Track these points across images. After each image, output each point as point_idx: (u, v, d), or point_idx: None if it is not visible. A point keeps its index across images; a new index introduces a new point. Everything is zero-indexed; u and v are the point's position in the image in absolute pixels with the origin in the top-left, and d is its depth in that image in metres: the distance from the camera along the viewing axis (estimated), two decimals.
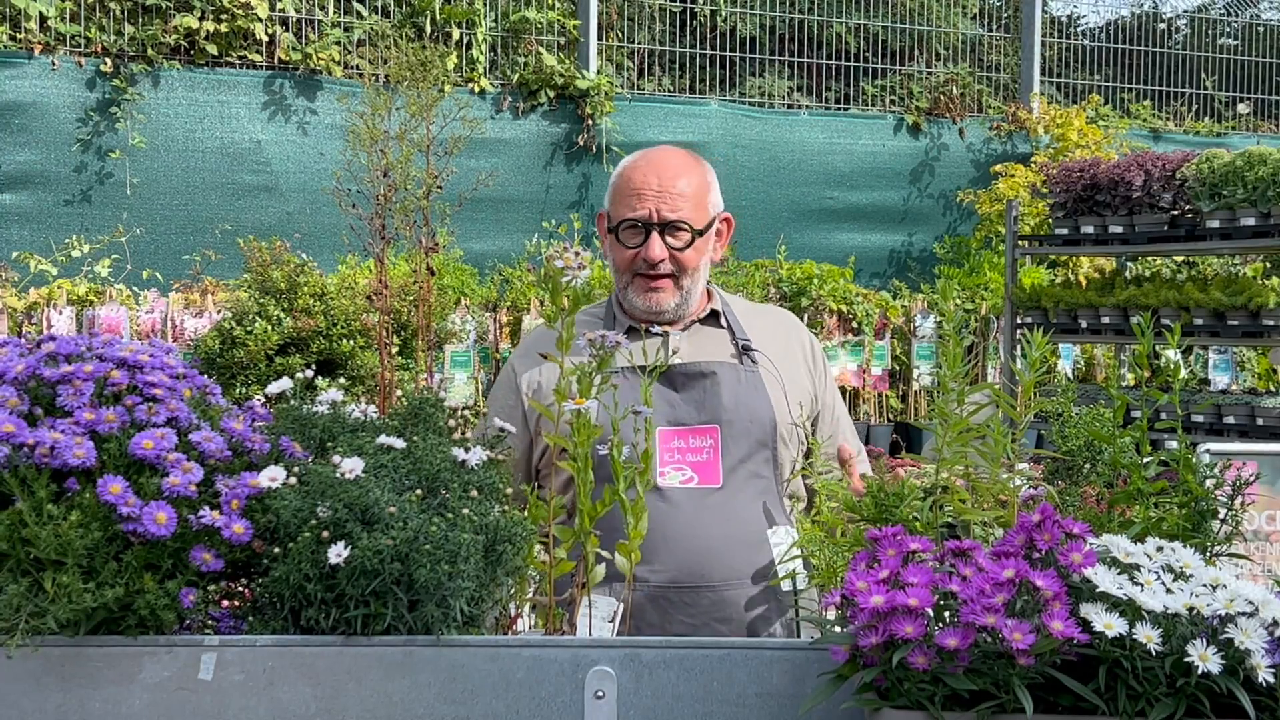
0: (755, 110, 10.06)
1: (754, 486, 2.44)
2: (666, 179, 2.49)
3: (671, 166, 2.52)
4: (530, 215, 9.06)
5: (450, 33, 9.10)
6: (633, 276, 2.52)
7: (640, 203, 2.48)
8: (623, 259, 2.52)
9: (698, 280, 2.54)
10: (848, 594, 1.53)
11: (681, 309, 2.54)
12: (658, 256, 2.48)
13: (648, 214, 2.47)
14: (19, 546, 1.56)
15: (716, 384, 2.46)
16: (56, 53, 8.22)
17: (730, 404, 2.45)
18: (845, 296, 8.38)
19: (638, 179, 2.51)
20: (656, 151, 2.57)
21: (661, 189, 2.48)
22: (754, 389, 2.49)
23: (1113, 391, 2.03)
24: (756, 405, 2.47)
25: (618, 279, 2.56)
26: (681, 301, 2.53)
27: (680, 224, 2.48)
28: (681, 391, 2.46)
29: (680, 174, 2.51)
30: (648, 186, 2.49)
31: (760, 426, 2.46)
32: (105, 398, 1.69)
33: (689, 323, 2.57)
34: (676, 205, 2.48)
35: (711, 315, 2.59)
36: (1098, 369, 9.02)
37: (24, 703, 1.58)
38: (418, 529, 1.59)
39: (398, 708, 1.60)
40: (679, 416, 2.44)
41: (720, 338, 2.57)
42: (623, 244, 2.52)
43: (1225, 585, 1.50)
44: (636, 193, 2.49)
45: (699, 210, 2.51)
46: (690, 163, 2.56)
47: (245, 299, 5.31)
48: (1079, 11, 12.27)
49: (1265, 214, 5.86)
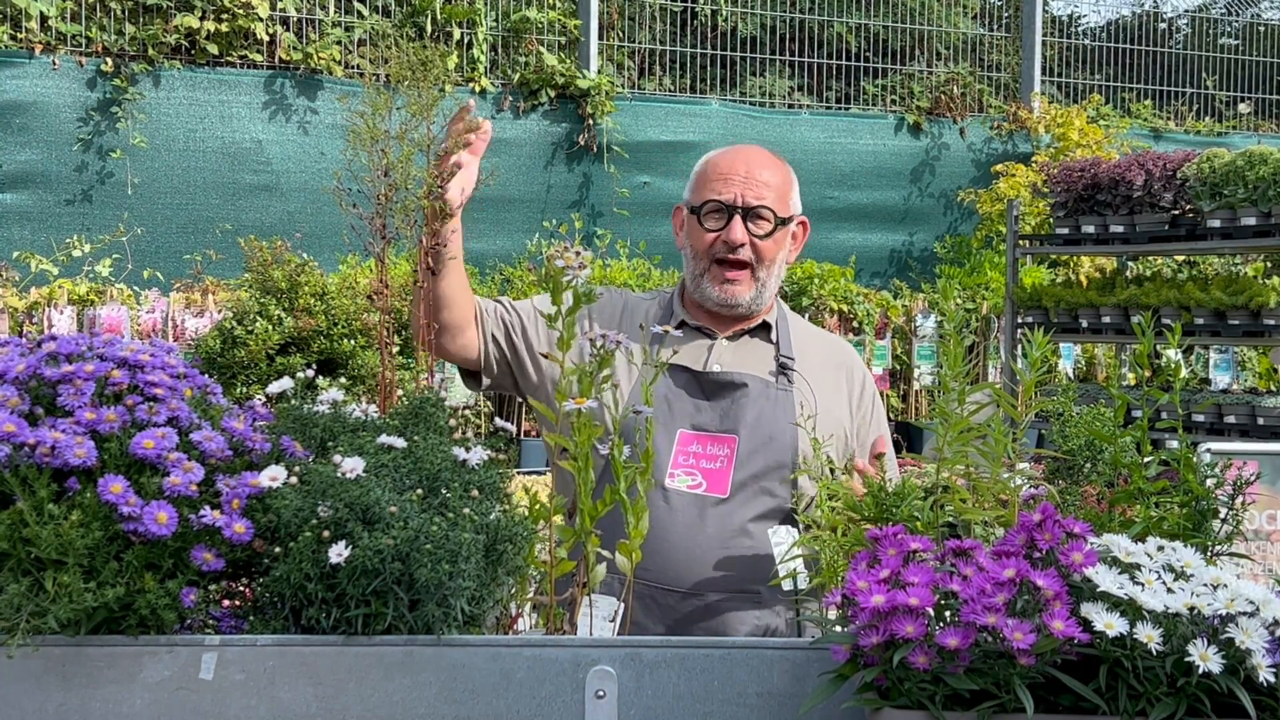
0: (756, 110, 10.06)
1: (763, 504, 2.41)
2: (754, 167, 2.53)
3: (758, 158, 2.56)
4: (531, 215, 9.06)
5: (451, 32, 9.10)
6: (710, 264, 2.52)
7: (726, 186, 2.51)
8: (702, 243, 2.53)
9: (773, 275, 2.54)
10: (848, 594, 1.53)
11: (756, 304, 2.54)
12: (739, 239, 2.49)
13: (733, 197, 2.50)
14: (20, 546, 1.56)
15: (744, 395, 2.45)
16: (57, 52, 8.23)
17: (752, 418, 2.44)
18: (846, 296, 8.38)
19: (724, 164, 2.55)
20: (744, 146, 2.62)
21: (749, 175, 2.52)
22: (780, 408, 2.46)
23: (1113, 391, 2.03)
24: (778, 424, 2.44)
25: (694, 266, 2.55)
26: (756, 296, 2.53)
27: (764, 210, 2.50)
28: (710, 398, 2.46)
29: (767, 166, 2.55)
30: (735, 172, 2.52)
31: (779, 445, 2.43)
32: (106, 397, 1.69)
33: (737, 331, 2.56)
34: (761, 193, 2.51)
35: (762, 327, 2.58)
36: (1098, 368, 9.02)
37: (25, 702, 1.58)
38: (419, 528, 1.59)
39: (398, 707, 1.60)
40: (701, 421, 2.43)
41: (765, 352, 2.55)
42: (704, 227, 2.52)
43: (1226, 585, 1.50)
44: (724, 177, 2.52)
45: (781, 202, 2.54)
46: (775, 159, 2.60)
47: (246, 299, 5.32)
48: (1080, 11, 12.28)
49: (1266, 213, 5.86)
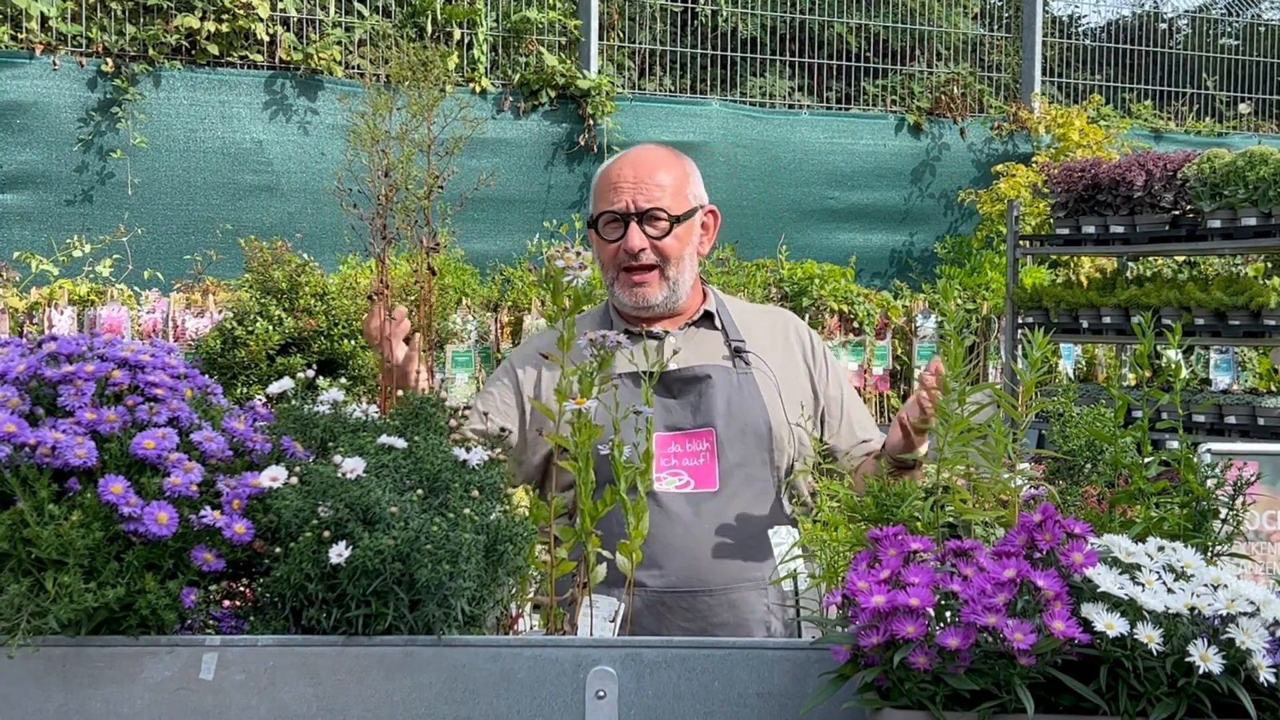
0: (756, 110, 10.05)
1: (751, 489, 2.44)
2: (642, 171, 2.53)
3: (646, 160, 2.55)
4: (531, 215, 9.06)
5: (451, 33, 9.10)
6: (618, 272, 2.53)
7: (616, 195, 2.51)
8: (606, 254, 2.54)
9: (684, 271, 2.54)
10: (849, 594, 1.53)
11: (671, 302, 2.55)
12: (637, 245, 2.49)
13: (624, 205, 2.50)
14: (20, 546, 1.56)
15: (711, 387, 2.46)
16: (58, 53, 8.22)
17: (724, 407, 2.45)
18: (846, 296, 8.37)
19: (613, 173, 2.55)
20: (632, 149, 2.62)
21: (637, 179, 2.52)
22: (748, 391, 2.49)
23: (1114, 391, 2.03)
24: (750, 408, 2.47)
25: (605, 277, 2.57)
26: (670, 294, 2.53)
27: (657, 211, 2.50)
28: (677, 396, 2.46)
29: (656, 167, 2.54)
30: (623, 179, 2.53)
31: (755, 429, 2.45)
32: (107, 398, 1.69)
33: (683, 324, 2.57)
34: (652, 195, 2.51)
35: (705, 316, 2.59)
36: (1099, 369, 9.01)
37: (25, 703, 1.58)
38: (419, 529, 1.59)
39: (399, 707, 1.60)
40: (674, 421, 2.44)
41: (714, 340, 2.57)
42: (604, 239, 2.54)
43: (1226, 585, 1.50)
44: (614, 185, 2.53)
45: (677, 199, 2.53)
46: (666, 156, 2.59)
47: (246, 299, 5.32)
48: (1080, 11, 12.27)
49: (1266, 214, 5.86)
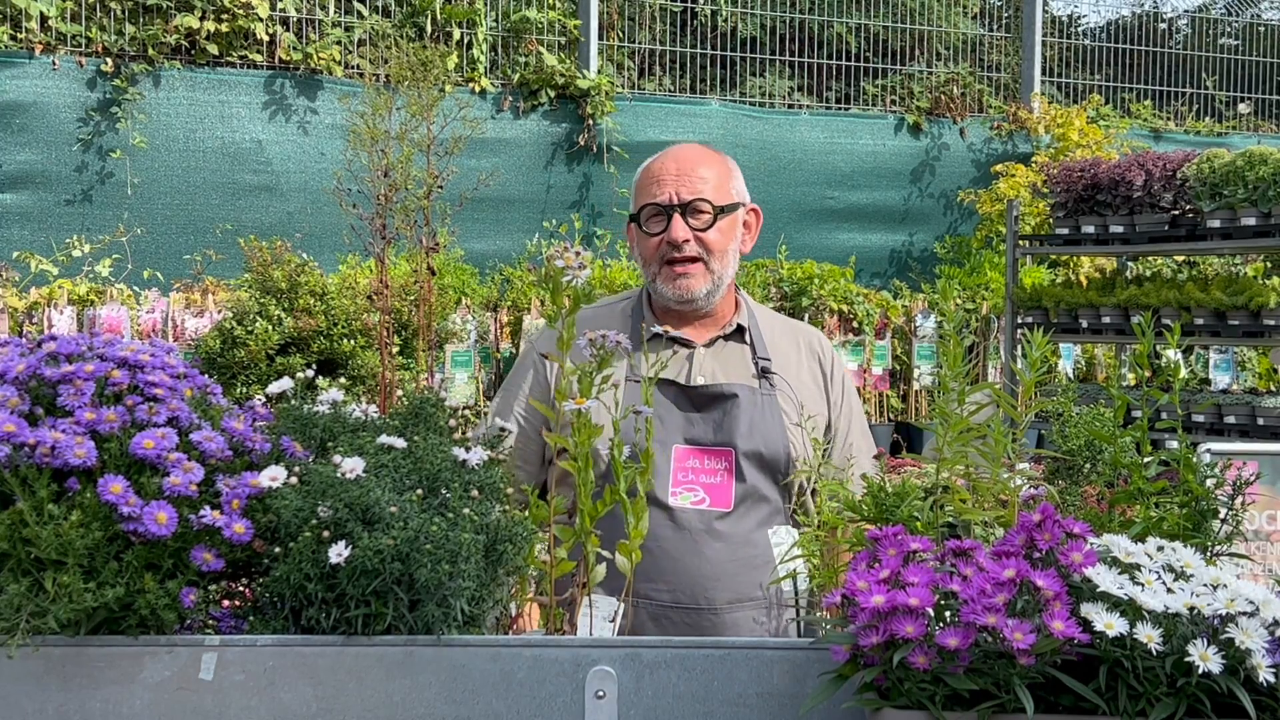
0: (756, 110, 10.05)
1: (762, 511, 2.44)
2: (685, 165, 2.55)
3: (689, 155, 2.57)
4: (531, 215, 9.05)
5: (451, 32, 9.10)
6: (660, 265, 2.53)
7: (660, 188, 2.53)
8: (648, 247, 2.54)
9: (727, 266, 2.54)
10: (848, 594, 1.53)
11: (712, 296, 2.54)
12: (681, 236, 2.49)
13: (668, 197, 2.51)
14: (20, 546, 1.56)
15: (736, 407, 2.45)
16: (57, 52, 8.22)
17: (746, 429, 2.44)
18: (846, 296, 8.37)
19: (656, 168, 2.57)
20: (676, 146, 2.63)
21: (680, 172, 2.53)
22: (770, 414, 2.48)
23: (1113, 391, 2.03)
24: (771, 431, 2.46)
25: (646, 273, 2.56)
26: (713, 288, 2.53)
27: (700, 202, 2.51)
28: (701, 410, 2.46)
29: (699, 161, 2.56)
30: (666, 172, 2.54)
31: (773, 453, 2.45)
32: (106, 397, 1.69)
33: (713, 337, 2.57)
34: (696, 187, 2.52)
35: (736, 331, 2.58)
36: (1098, 369, 9.01)
37: (25, 703, 1.58)
38: (419, 529, 1.59)
39: (399, 707, 1.60)
40: (696, 435, 2.44)
41: (743, 356, 2.56)
42: (647, 232, 2.54)
43: (1226, 585, 1.50)
44: (656, 179, 2.54)
45: (720, 192, 2.55)
46: (709, 152, 2.61)
47: (246, 299, 5.31)
48: (1079, 11, 12.27)
49: (1266, 214, 5.86)
